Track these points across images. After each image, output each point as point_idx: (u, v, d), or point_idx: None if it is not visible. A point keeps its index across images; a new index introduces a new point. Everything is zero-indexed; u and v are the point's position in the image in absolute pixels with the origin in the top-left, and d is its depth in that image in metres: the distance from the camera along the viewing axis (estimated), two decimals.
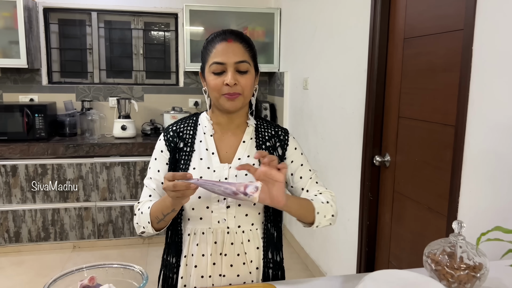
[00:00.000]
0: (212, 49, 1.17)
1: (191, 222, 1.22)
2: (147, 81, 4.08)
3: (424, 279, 0.98)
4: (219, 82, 1.16)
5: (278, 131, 1.30)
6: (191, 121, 1.30)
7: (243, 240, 1.22)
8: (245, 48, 1.18)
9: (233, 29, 1.24)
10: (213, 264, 1.21)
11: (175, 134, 1.27)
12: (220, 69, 1.16)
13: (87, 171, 3.41)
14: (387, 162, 2.18)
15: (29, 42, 3.45)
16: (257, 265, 1.24)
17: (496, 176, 1.42)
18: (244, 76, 1.17)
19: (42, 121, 3.39)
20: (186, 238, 1.24)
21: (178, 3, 3.87)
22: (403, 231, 2.07)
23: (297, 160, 1.28)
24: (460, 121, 1.56)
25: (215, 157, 1.23)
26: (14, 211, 3.35)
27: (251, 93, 1.22)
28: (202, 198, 1.18)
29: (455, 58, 1.64)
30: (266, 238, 1.25)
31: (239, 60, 1.16)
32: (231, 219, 1.19)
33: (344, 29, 2.54)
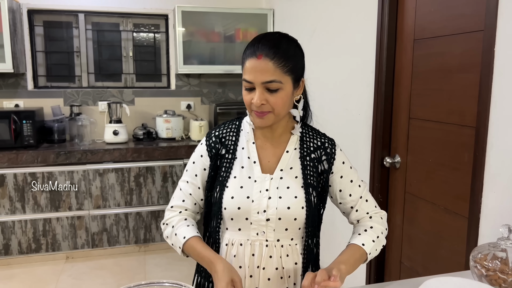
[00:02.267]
0: (245, 63, 1.11)
1: (229, 232, 1.19)
2: (138, 84, 3.98)
3: (480, 286, 0.96)
4: (249, 98, 1.11)
5: (325, 143, 1.24)
6: (234, 126, 1.25)
7: (282, 254, 1.18)
8: (276, 65, 1.07)
9: (269, 37, 1.12)
10: (250, 277, 1.17)
11: (218, 140, 1.23)
12: (249, 86, 1.10)
13: (80, 178, 3.29)
14: (397, 164, 2.17)
15: (14, 45, 3.30)
16: (294, 281, 1.20)
17: None
18: (273, 95, 1.08)
19: (30, 127, 3.25)
20: (223, 248, 1.20)
21: (168, 4, 3.79)
22: (417, 232, 2.07)
23: (347, 176, 1.23)
24: (482, 122, 1.56)
25: (256, 166, 1.18)
26: (3, 223, 3.19)
27: (284, 108, 1.13)
28: (242, 209, 1.14)
29: (473, 59, 1.65)
30: (307, 254, 1.21)
31: (267, 80, 1.07)
32: (270, 232, 1.16)
33: (348, 29, 2.52)
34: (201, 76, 3.96)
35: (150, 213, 3.48)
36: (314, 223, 1.19)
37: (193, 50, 3.71)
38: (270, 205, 1.14)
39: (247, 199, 1.14)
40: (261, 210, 1.14)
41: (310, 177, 1.18)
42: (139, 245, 3.51)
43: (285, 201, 1.15)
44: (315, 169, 1.20)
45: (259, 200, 1.14)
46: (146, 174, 3.43)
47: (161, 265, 3.30)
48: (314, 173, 1.19)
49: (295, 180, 1.17)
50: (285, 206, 1.14)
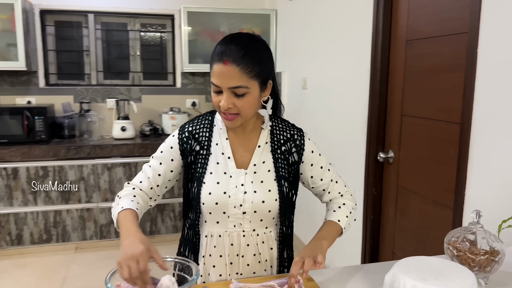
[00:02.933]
0: (212, 67, 1.13)
1: (208, 224, 1.26)
2: (144, 82, 4.12)
3: (450, 264, 1.07)
4: (217, 100, 1.15)
5: (294, 134, 1.30)
6: (207, 122, 1.29)
7: (258, 242, 1.27)
8: (242, 71, 1.10)
9: (236, 43, 1.13)
10: (230, 264, 1.26)
11: (191, 135, 1.27)
12: (217, 89, 1.14)
13: (89, 172, 3.43)
14: (390, 159, 2.28)
15: (27, 44, 3.44)
16: (271, 263, 1.31)
17: (501, 170, 1.53)
18: (240, 99, 1.13)
19: (42, 123, 3.39)
20: (203, 239, 1.27)
21: (174, 5, 3.91)
22: (408, 223, 2.18)
23: (317, 163, 1.31)
24: (466, 119, 1.66)
25: (231, 162, 1.24)
26: (16, 214, 3.34)
27: (251, 111, 1.17)
28: (219, 204, 1.21)
29: (459, 59, 1.75)
30: (281, 239, 1.30)
31: (234, 86, 1.11)
32: (246, 224, 1.24)
33: (345, 30, 2.63)
34: (206, 74, 4.08)
35: (155, 206, 3.60)
36: (287, 211, 1.30)
37: (198, 49, 3.83)
38: (246, 199, 1.21)
39: (224, 195, 1.21)
40: (238, 204, 1.21)
41: (282, 169, 1.26)
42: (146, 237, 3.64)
43: (259, 195, 1.22)
44: (286, 161, 1.27)
45: (236, 195, 1.21)
46: None
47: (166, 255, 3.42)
48: (285, 165, 1.27)
49: (268, 173, 1.25)
50: (260, 199, 1.22)
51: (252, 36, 1.18)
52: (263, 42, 1.20)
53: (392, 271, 1.05)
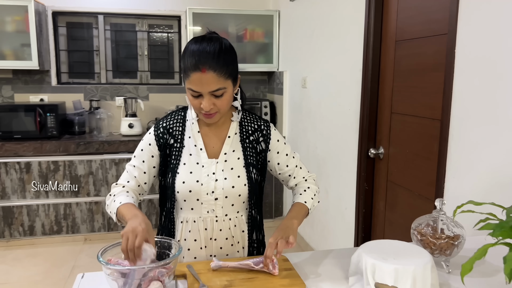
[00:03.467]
0: (189, 74, 1.20)
1: (183, 211, 1.36)
2: (152, 81, 4.26)
3: (410, 246, 1.17)
4: (197, 103, 1.23)
5: (261, 125, 1.41)
6: (180, 117, 1.39)
7: (230, 226, 1.38)
8: (219, 75, 1.20)
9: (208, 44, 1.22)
10: (204, 247, 1.37)
11: (165, 131, 1.37)
12: (196, 94, 1.22)
13: (97, 167, 3.59)
14: (381, 154, 2.37)
15: (40, 44, 3.61)
16: (243, 245, 1.42)
17: (475, 164, 1.62)
18: (220, 99, 1.23)
19: (53, 120, 3.56)
20: (179, 225, 1.38)
21: (180, 6, 4.05)
22: (396, 217, 2.27)
23: (282, 151, 1.43)
24: (445, 115, 1.75)
25: (203, 153, 1.34)
26: (28, 206, 3.52)
27: (228, 106, 1.29)
28: (193, 192, 1.32)
29: (440, 59, 1.84)
30: (251, 222, 1.42)
31: (214, 89, 1.21)
32: (219, 209, 1.35)
33: (340, 32, 2.73)
34: None
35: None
36: (256, 195, 1.41)
37: None
38: (217, 186, 1.32)
39: (196, 183, 1.31)
40: (210, 191, 1.32)
41: (250, 157, 1.38)
42: None
43: (230, 181, 1.33)
44: (254, 150, 1.39)
45: (208, 183, 1.32)
46: None
47: None
48: (254, 153, 1.39)
49: (238, 161, 1.36)
50: (230, 185, 1.33)
51: (217, 38, 1.27)
52: (228, 44, 1.29)
53: (357, 252, 1.16)
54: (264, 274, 1.20)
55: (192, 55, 1.21)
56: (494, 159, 1.53)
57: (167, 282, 1.08)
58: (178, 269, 1.20)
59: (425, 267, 1.06)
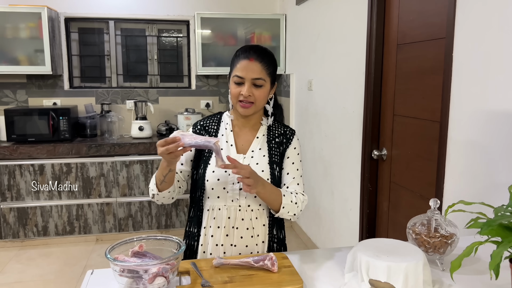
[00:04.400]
0: (237, 63, 1.43)
1: (210, 199, 1.48)
2: (162, 84, 4.35)
3: (405, 244, 1.22)
4: (237, 91, 1.43)
5: (287, 131, 1.56)
6: (216, 118, 1.58)
7: (252, 217, 1.48)
8: (263, 67, 1.42)
9: (258, 46, 1.47)
10: (226, 236, 1.47)
11: (202, 128, 1.54)
12: (240, 81, 1.42)
13: (108, 169, 3.68)
14: (384, 156, 2.41)
15: (53, 50, 3.72)
16: (263, 239, 1.50)
17: (473, 164, 1.65)
18: (258, 89, 1.42)
19: (66, 123, 3.66)
20: (206, 213, 1.50)
21: (189, 11, 4.13)
22: (399, 217, 2.31)
23: (291, 158, 1.53)
24: (444, 118, 1.79)
25: (232, 148, 1.50)
26: (42, 207, 3.62)
27: (263, 102, 1.47)
28: (221, 180, 1.45)
29: (439, 62, 1.88)
30: (272, 217, 1.51)
31: (256, 77, 1.41)
32: (242, 199, 1.46)
33: (344, 36, 2.78)
34: (219, 77, 4.29)
35: None
36: None
37: (212, 53, 4.04)
38: None
39: (224, 173, 1.44)
40: (235, 181, 1.44)
41: (275, 156, 1.50)
42: (161, 230, 3.87)
43: None
44: (279, 150, 1.52)
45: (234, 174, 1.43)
46: None
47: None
48: (278, 153, 1.51)
49: (263, 158, 1.49)
50: None
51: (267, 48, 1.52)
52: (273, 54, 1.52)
53: (353, 250, 1.21)
54: (264, 271, 1.25)
55: (245, 49, 1.45)
56: (490, 160, 1.57)
57: (171, 278, 1.15)
58: (181, 266, 1.26)
59: (417, 264, 1.10)
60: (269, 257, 1.25)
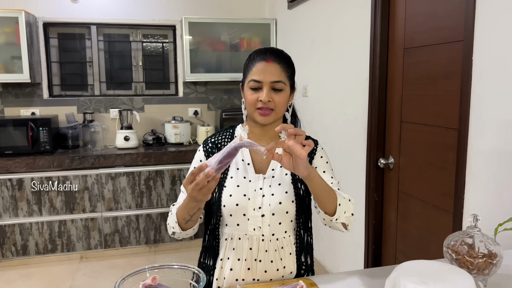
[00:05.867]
0: (252, 67, 1.27)
1: (229, 227, 1.31)
2: (147, 91, 4.17)
3: (449, 267, 1.10)
4: (255, 97, 1.26)
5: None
6: (228, 133, 1.40)
7: (277, 247, 1.30)
8: (282, 69, 1.26)
9: (274, 48, 1.33)
10: (247, 269, 1.29)
11: (214, 145, 1.37)
12: (257, 85, 1.26)
13: (93, 182, 3.47)
14: (391, 164, 2.31)
15: (31, 56, 3.50)
16: (291, 269, 1.33)
17: (498, 174, 1.56)
18: (278, 94, 1.25)
19: (46, 134, 3.44)
20: (223, 242, 1.32)
21: (175, 15, 3.97)
22: (409, 228, 2.21)
23: (321, 167, 1.35)
24: (463, 124, 1.70)
25: (250, 168, 1.32)
26: (21, 225, 3.38)
27: (284, 109, 1.30)
28: (240, 206, 1.27)
29: (455, 67, 1.79)
30: (299, 243, 1.34)
31: (275, 80, 1.24)
32: (265, 227, 1.28)
33: (344, 40, 2.68)
34: (208, 83, 4.13)
35: (159, 214, 3.64)
36: (304, 214, 1.33)
37: (200, 59, 3.89)
38: (264, 202, 1.27)
39: (244, 197, 1.27)
40: (257, 207, 1.27)
41: None
42: (150, 246, 3.68)
43: (277, 197, 1.28)
44: None
45: (254, 198, 1.27)
46: (156, 177, 3.60)
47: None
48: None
49: (285, 177, 1.31)
50: (277, 201, 1.28)
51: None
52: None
53: (393, 275, 1.08)
54: None
55: (260, 51, 1.30)
56: None
57: None
58: None
59: None
60: (299, 286, 1.11)
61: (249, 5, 4.13)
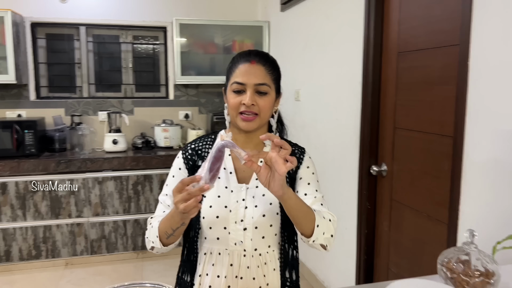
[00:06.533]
0: (235, 69, 1.20)
1: (208, 241, 1.22)
2: (137, 94, 4.08)
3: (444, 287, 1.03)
4: (238, 101, 1.18)
5: (295, 150, 1.29)
6: (210, 139, 1.31)
7: (260, 263, 1.21)
8: (267, 71, 1.20)
9: (259, 50, 1.26)
10: (228, 287, 1.21)
11: (194, 152, 1.28)
12: (240, 88, 1.18)
13: (79, 186, 3.38)
14: (384, 172, 2.24)
15: (17, 57, 3.40)
16: (274, 286, 1.24)
17: (495, 184, 1.49)
18: (263, 97, 1.18)
19: (32, 137, 3.34)
20: (202, 257, 1.24)
21: (166, 17, 3.89)
22: (402, 238, 2.13)
23: (306, 178, 1.26)
24: (459, 132, 1.63)
25: (232, 177, 1.23)
26: (4, 230, 3.27)
27: (269, 114, 1.22)
28: (220, 218, 1.18)
29: (451, 72, 1.72)
30: (284, 258, 1.25)
31: (259, 82, 1.17)
32: (247, 242, 1.19)
33: (337, 43, 2.61)
34: (199, 86, 4.05)
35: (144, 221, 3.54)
36: (290, 227, 1.24)
37: (191, 61, 3.81)
38: (246, 215, 1.18)
39: (225, 208, 1.19)
40: (238, 219, 1.18)
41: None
42: (137, 252, 3.58)
43: (260, 209, 1.19)
44: (288, 175, 1.24)
45: (236, 209, 1.19)
46: (144, 182, 3.51)
47: (158, 271, 3.36)
48: (287, 178, 1.24)
49: None
50: (260, 214, 1.19)
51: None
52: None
53: None
54: None
55: (244, 52, 1.23)
56: None
57: None
58: None
59: None
60: None
61: (242, 7, 4.06)
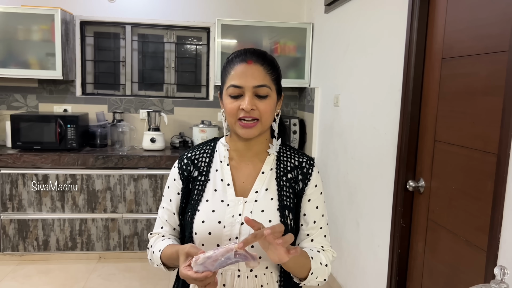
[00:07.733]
0: (231, 71, 1.08)
1: None
2: (178, 94, 4.10)
3: None
4: (235, 106, 1.06)
5: (302, 162, 1.18)
6: (208, 148, 1.21)
7: (256, 285, 1.11)
8: (266, 71, 1.08)
9: (255, 48, 1.14)
10: None
11: (190, 162, 1.19)
12: (237, 92, 1.06)
13: (115, 182, 3.44)
14: (421, 188, 2.06)
15: (65, 54, 3.53)
16: None
17: None
18: (263, 101, 1.07)
19: (73, 131, 3.45)
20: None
21: (210, 18, 3.88)
22: (437, 263, 1.94)
23: (314, 201, 1.16)
24: (504, 149, 1.44)
25: (230, 189, 1.13)
26: (44, 220, 3.40)
27: (270, 119, 1.11)
28: (213, 235, 1.09)
29: (497, 81, 1.53)
30: (283, 281, 1.14)
31: (258, 84, 1.06)
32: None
33: (377, 47, 2.45)
34: None
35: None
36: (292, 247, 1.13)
37: None
38: (242, 232, 1.08)
39: (218, 224, 1.09)
40: (233, 237, 1.08)
41: (287, 198, 1.12)
42: None
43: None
44: (292, 190, 1.14)
45: (231, 226, 1.09)
46: None
47: None
48: (291, 193, 1.13)
49: (271, 202, 1.11)
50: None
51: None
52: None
53: None
54: None
55: (238, 52, 1.11)
56: None
57: None
58: None
59: None
60: None
61: (287, 9, 3.97)
